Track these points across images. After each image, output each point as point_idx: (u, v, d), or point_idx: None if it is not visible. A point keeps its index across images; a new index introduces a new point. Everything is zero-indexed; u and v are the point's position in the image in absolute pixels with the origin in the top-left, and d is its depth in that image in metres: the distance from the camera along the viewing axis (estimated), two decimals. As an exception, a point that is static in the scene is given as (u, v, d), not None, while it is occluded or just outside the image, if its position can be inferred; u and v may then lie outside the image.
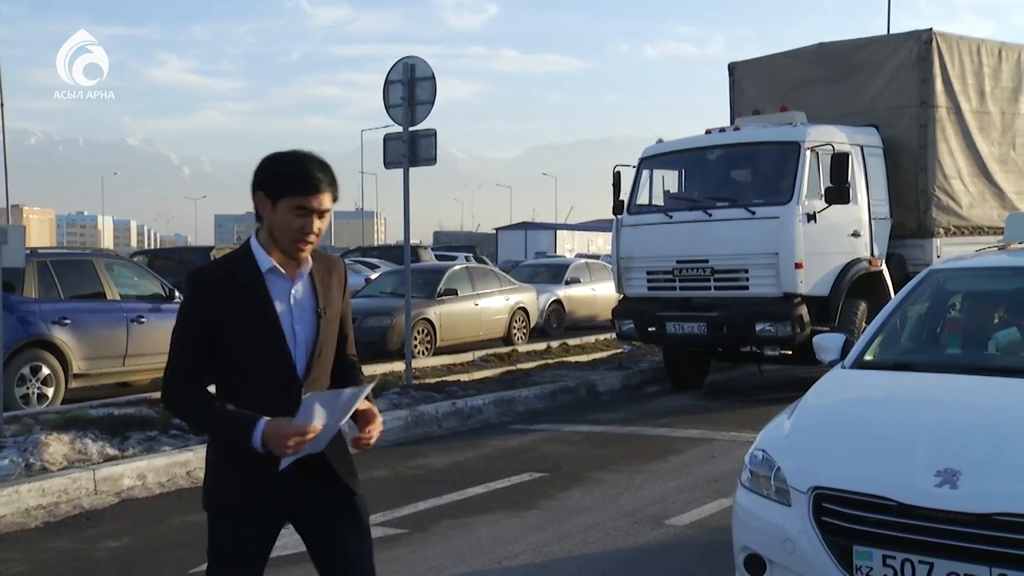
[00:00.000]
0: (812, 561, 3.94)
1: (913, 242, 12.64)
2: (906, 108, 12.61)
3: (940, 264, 6.14)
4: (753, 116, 12.89)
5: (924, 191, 12.54)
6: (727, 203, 11.65)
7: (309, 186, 2.99)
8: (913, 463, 3.88)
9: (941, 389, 4.74)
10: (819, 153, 11.38)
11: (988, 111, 13.24)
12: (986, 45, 13.38)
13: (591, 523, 6.68)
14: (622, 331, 12.72)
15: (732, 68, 14.84)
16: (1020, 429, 4.05)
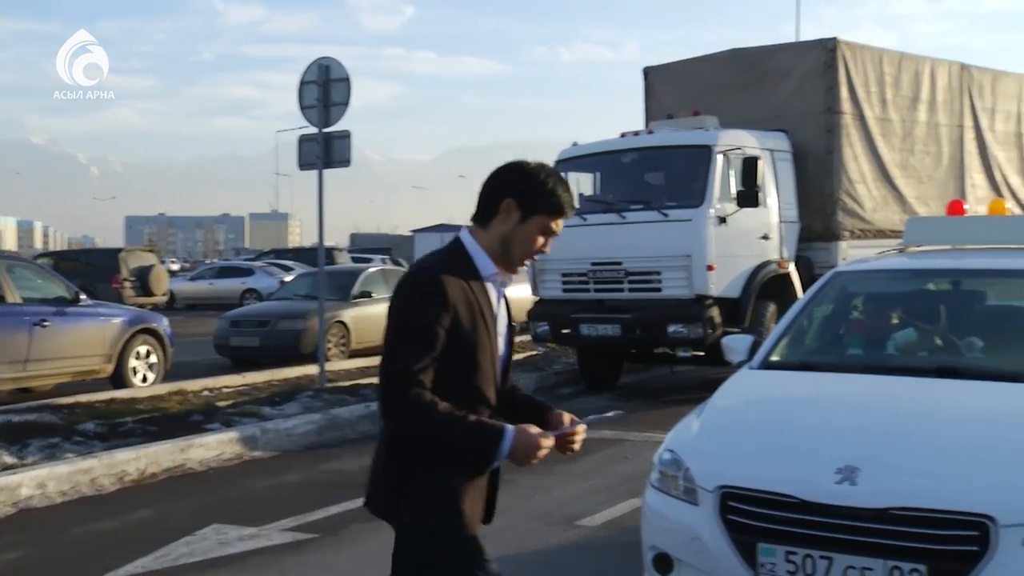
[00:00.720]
0: (718, 559, 4.00)
1: (820, 245, 12.93)
2: (813, 114, 12.91)
3: (843, 266, 6.30)
4: (667, 120, 13.06)
5: (830, 195, 12.85)
6: (641, 206, 11.78)
7: (566, 210, 2.91)
8: (815, 461, 3.97)
9: (842, 389, 4.85)
10: (730, 157, 11.58)
11: (890, 118, 13.63)
12: (887, 55, 13.77)
13: (504, 525, 6.66)
14: (537, 333, 12.78)
15: (647, 72, 15.01)
16: (915, 427, 4.17)
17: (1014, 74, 16.34)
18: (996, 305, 5.81)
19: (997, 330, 5.34)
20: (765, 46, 14.04)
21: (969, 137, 15.10)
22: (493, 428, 2.80)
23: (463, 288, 2.80)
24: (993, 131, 15.57)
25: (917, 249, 6.20)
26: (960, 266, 5.86)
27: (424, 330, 2.74)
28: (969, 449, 3.90)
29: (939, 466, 3.82)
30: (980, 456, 3.84)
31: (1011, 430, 4.06)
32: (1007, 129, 15.97)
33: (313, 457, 9.05)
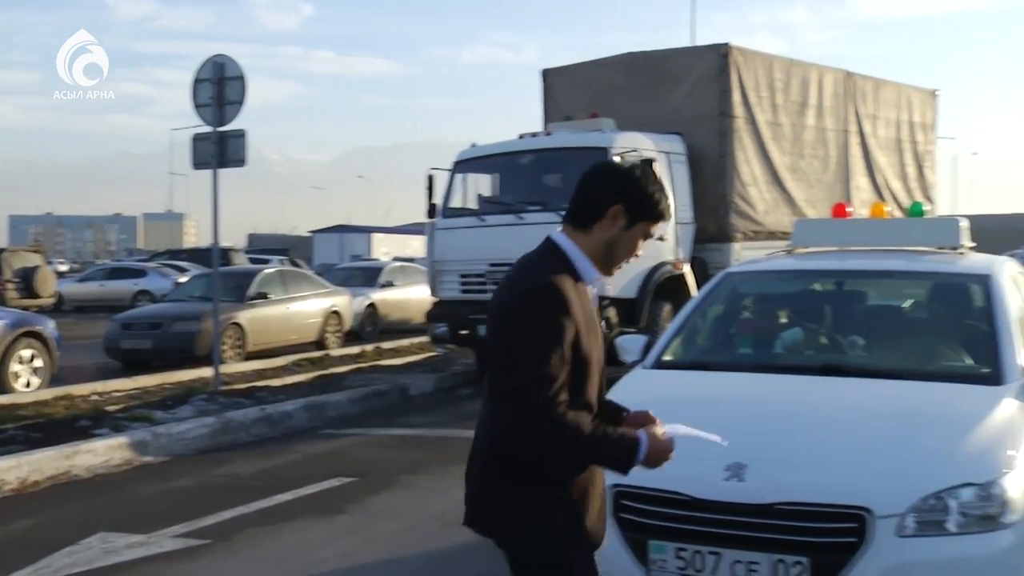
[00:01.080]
0: (610, 557, 4.03)
1: (714, 246, 13.18)
2: (707, 117, 13.16)
3: (734, 267, 6.43)
4: (565, 122, 13.17)
5: (724, 197, 13.12)
6: (538, 207, 11.83)
7: (665, 214, 2.86)
8: (704, 459, 4.02)
9: (732, 388, 4.95)
10: (626, 159, 11.71)
11: (780, 123, 13.98)
12: (777, 61, 14.13)
13: (401, 527, 6.66)
14: (435, 334, 12.75)
15: (545, 74, 15.11)
16: (801, 424, 4.28)
17: (894, 83, 16.96)
18: (876, 305, 6.00)
19: (877, 329, 5.52)
20: (660, 50, 14.27)
21: (854, 142, 15.60)
22: (631, 439, 2.77)
23: (576, 296, 2.73)
24: (876, 136, 16.12)
25: (804, 250, 6.36)
26: (843, 267, 6.03)
27: (555, 344, 2.63)
28: (849, 444, 4.03)
29: (821, 461, 3.93)
30: (859, 451, 3.96)
31: (887, 425, 4.20)
32: (888, 135, 16.55)
33: (206, 461, 8.87)
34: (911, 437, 4.05)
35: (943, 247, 6.03)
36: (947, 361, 5.02)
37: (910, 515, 3.66)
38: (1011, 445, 3.97)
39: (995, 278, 5.27)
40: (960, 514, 3.67)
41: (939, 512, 3.67)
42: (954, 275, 5.64)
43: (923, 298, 5.95)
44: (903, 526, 3.65)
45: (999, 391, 4.43)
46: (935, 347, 5.17)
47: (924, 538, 3.65)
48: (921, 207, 6.72)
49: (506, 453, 2.73)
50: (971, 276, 5.47)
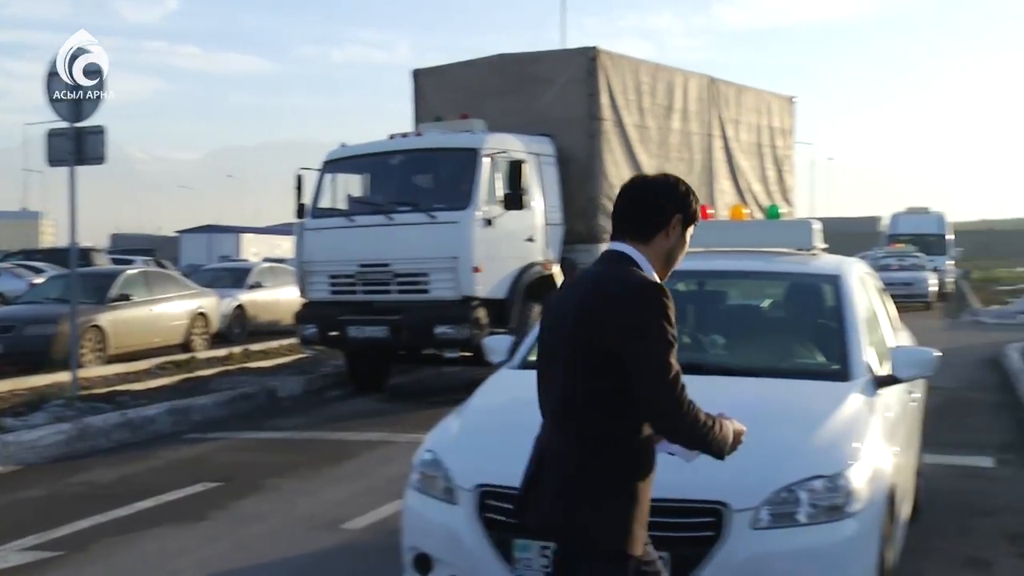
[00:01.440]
0: (476, 556, 4.05)
1: (583, 247, 13.32)
2: (576, 120, 13.31)
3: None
4: (435, 122, 13.14)
5: (592, 199, 13.28)
6: (409, 207, 11.79)
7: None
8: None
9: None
10: (496, 160, 11.77)
11: (647, 126, 14.25)
12: (644, 65, 14.40)
13: (266, 531, 6.53)
14: (304, 335, 12.56)
15: (416, 75, 15.05)
16: None
17: (755, 89, 17.51)
18: (736, 304, 6.16)
19: (736, 328, 5.67)
20: (530, 52, 14.37)
21: (717, 146, 16.03)
22: (728, 423, 3.04)
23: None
24: (738, 141, 16.59)
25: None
26: (704, 268, 6.16)
27: (673, 338, 2.89)
28: None
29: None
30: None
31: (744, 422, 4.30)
32: (750, 139, 17.06)
33: (61, 470, 8.54)
34: (766, 433, 4.15)
35: (798, 248, 6.23)
36: (800, 359, 5.19)
37: (764, 508, 3.77)
38: (856, 438, 4.13)
39: (844, 279, 5.47)
40: (810, 505, 3.80)
41: (791, 504, 3.79)
42: (807, 275, 5.83)
43: (779, 298, 6.14)
44: (757, 519, 3.76)
45: (847, 387, 4.61)
46: (790, 345, 5.34)
47: (777, 530, 3.77)
48: (777, 210, 6.94)
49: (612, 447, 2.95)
50: (822, 276, 5.67)
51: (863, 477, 3.93)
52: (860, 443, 4.09)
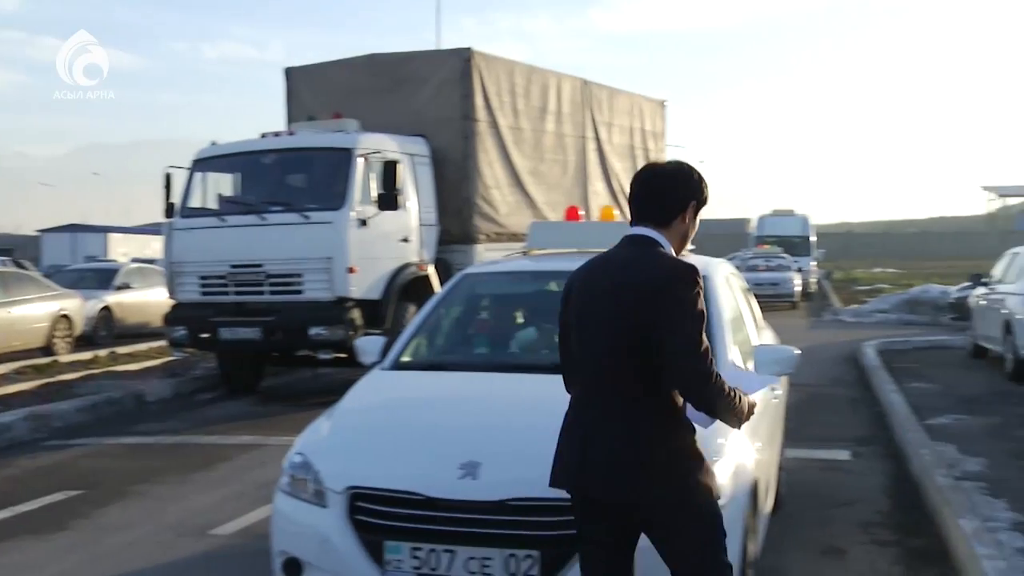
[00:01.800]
0: (346, 559, 4.01)
1: (458, 248, 13.34)
2: (450, 120, 13.30)
3: (471, 268, 6.51)
4: (308, 122, 12.95)
5: (467, 200, 13.29)
6: (282, 207, 11.59)
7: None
8: (439, 458, 4.07)
9: (468, 387, 5.01)
10: (371, 160, 11.67)
11: (521, 127, 14.34)
12: (518, 67, 14.48)
13: (130, 540, 6.33)
14: (174, 338, 12.23)
15: (288, 73, 14.81)
16: (533, 421, 4.36)
17: (626, 92, 17.78)
18: None
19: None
20: (403, 53, 14.29)
21: (591, 148, 16.23)
22: (745, 396, 3.32)
23: None
24: (611, 143, 16.84)
25: (539, 252, 6.54)
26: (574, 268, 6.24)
27: (703, 316, 3.18)
28: None
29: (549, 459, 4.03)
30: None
31: None
32: (622, 142, 17.34)
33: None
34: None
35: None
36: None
37: None
38: (720, 434, 4.22)
39: (711, 279, 5.59)
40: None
41: None
42: None
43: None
44: None
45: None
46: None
47: None
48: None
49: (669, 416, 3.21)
50: None
51: (727, 472, 4.02)
52: (724, 439, 4.18)
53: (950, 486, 6.86)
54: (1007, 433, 9.06)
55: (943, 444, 8.38)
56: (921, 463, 7.69)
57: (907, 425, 9.16)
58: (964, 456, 7.96)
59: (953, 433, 8.98)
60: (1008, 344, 12.65)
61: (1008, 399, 11.03)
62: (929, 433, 8.81)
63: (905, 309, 23.72)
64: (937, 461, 7.65)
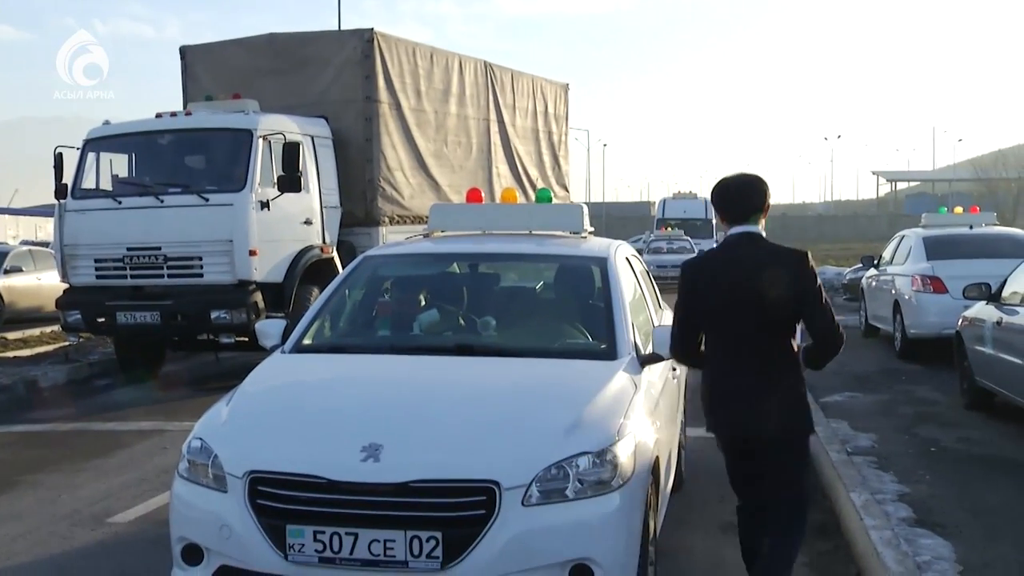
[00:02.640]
0: (247, 544, 3.96)
1: (362, 230, 13.24)
2: (352, 102, 13.17)
3: (372, 251, 6.46)
4: (206, 102, 12.67)
5: (371, 182, 13.20)
6: (180, 189, 11.34)
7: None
8: (341, 441, 4.05)
9: (370, 369, 4.99)
10: (271, 142, 11.49)
11: (424, 109, 14.27)
12: (420, 48, 14.40)
13: (21, 532, 6.14)
14: (68, 322, 11.88)
15: (184, 52, 14.44)
16: (435, 403, 4.39)
17: (529, 75, 17.85)
18: (507, 287, 6.27)
19: (508, 310, 5.76)
20: (303, 33, 14.08)
21: (494, 130, 16.26)
22: None
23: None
24: (515, 126, 16.89)
25: (441, 234, 6.52)
26: (476, 250, 6.25)
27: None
28: (479, 421, 4.18)
29: (453, 439, 4.05)
30: (488, 427, 4.12)
31: (515, 402, 4.41)
32: (526, 124, 17.40)
33: None
34: (536, 412, 4.28)
35: (569, 231, 6.39)
36: (570, 339, 5.33)
37: (534, 485, 3.85)
38: (621, 414, 4.29)
39: (611, 260, 5.66)
40: (578, 481, 3.91)
41: (560, 481, 3.90)
42: (576, 258, 5.99)
43: (550, 280, 6.28)
44: (528, 496, 3.84)
45: (613, 366, 4.77)
46: (560, 326, 5.48)
47: (547, 506, 3.86)
48: (548, 193, 7.07)
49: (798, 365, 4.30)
50: (590, 259, 5.83)
51: (628, 452, 4.08)
52: (625, 419, 4.24)
53: (843, 461, 7.09)
54: (895, 410, 9.39)
55: (837, 421, 8.64)
56: (816, 440, 7.90)
57: (802, 403, 9.40)
58: (856, 432, 8.23)
59: (846, 410, 9.27)
60: (897, 324, 13.08)
61: (896, 377, 11.42)
62: (824, 411, 9.08)
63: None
64: (831, 437, 7.89)
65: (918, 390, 10.46)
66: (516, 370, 4.78)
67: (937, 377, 11.04)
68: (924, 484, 6.64)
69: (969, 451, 7.75)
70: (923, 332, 12.30)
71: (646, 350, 5.09)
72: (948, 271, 12.23)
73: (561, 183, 18.95)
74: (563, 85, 19.32)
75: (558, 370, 4.80)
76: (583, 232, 6.35)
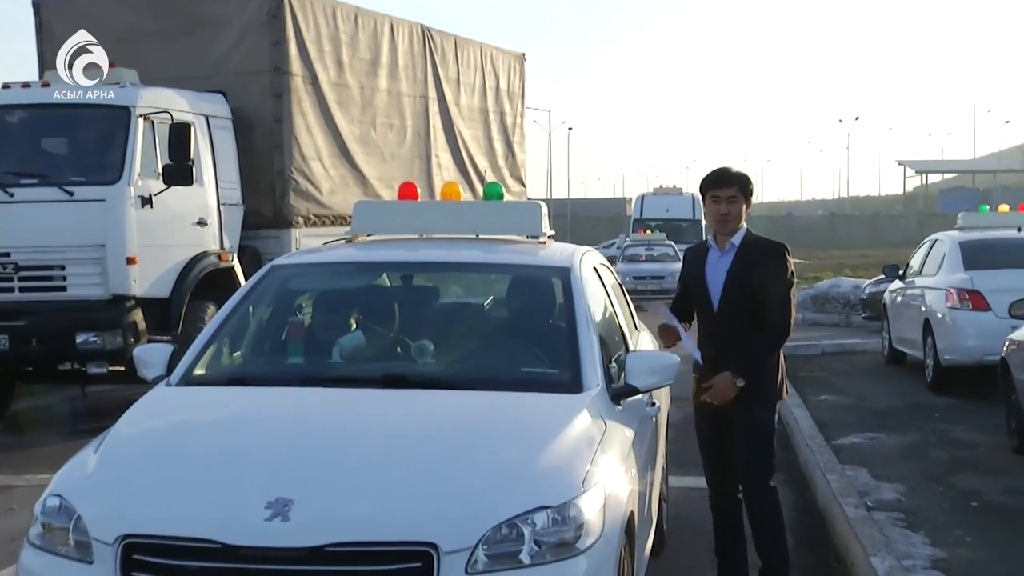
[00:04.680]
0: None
1: (269, 233, 13.22)
2: (258, 74, 13.15)
3: (282, 259, 6.45)
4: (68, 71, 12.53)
5: (280, 173, 13.17)
6: (35, 180, 11.21)
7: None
8: (242, 495, 4.02)
9: (279, 406, 4.98)
10: (155, 122, 11.42)
11: (347, 84, 14.28)
12: (343, 8, 14.41)
13: None
14: None
15: (38, 7, 14.24)
16: (357, 448, 4.37)
17: (477, 42, 17.90)
18: (449, 303, 6.29)
19: (449, 331, 5.79)
20: (196, -12, 14.03)
21: (434, 110, 16.30)
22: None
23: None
24: (459, 105, 16.94)
25: (368, 239, 6.52)
26: (410, 258, 6.26)
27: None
28: (411, 470, 4.16)
29: (380, 491, 4.04)
30: (423, 477, 4.11)
31: (455, 444, 4.41)
32: (472, 104, 17.46)
33: None
34: (481, 457, 4.28)
35: (524, 235, 6.41)
36: (525, 367, 5.35)
37: (480, 548, 3.85)
38: (588, 460, 4.30)
39: (575, 271, 5.69)
40: (534, 542, 3.92)
41: (512, 542, 3.90)
42: (533, 268, 6.02)
43: (501, 295, 6.31)
44: (473, 562, 3.84)
45: (577, 399, 4.79)
46: (512, 352, 5.50)
47: (496, 573, 3.86)
48: (500, 188, 7.10)
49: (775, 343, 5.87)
50: (550, 269, 5.86)
51: (595, 506, 4.10)
52: (592, 466, 4.26)
53: (861, 518, 7.16)
54: (925, 454, 9.50)
55: (854, 468, 8.73)
56: (828, 491, 7.99)
57: (812, 446, 9.50)
58: (877, 482, 8.32)
59: (865, 454, 9.37)
60: (928, 348, 13.21)
61: (927, 413, 11.55)
62: (838, 455, 9.17)
63: (811, 307, 24.54)
64: (846, 488, 7.96)
65: (954, 430, 10.60)
66: (458, 406, 4.80)
67: (978, 414, 11.19)
68: (963, 547, 6.72)
69: (1018, 505, 7.86)
70: (960, 359, 12.45)
71: (619, 380, 5.12)
72: (991, 283, 12.40)
73: (515, 175, 19.02)
74: (518, 55, 19.41)
75: (510, 405, 4.82)
76: (542, 236, 6.38)
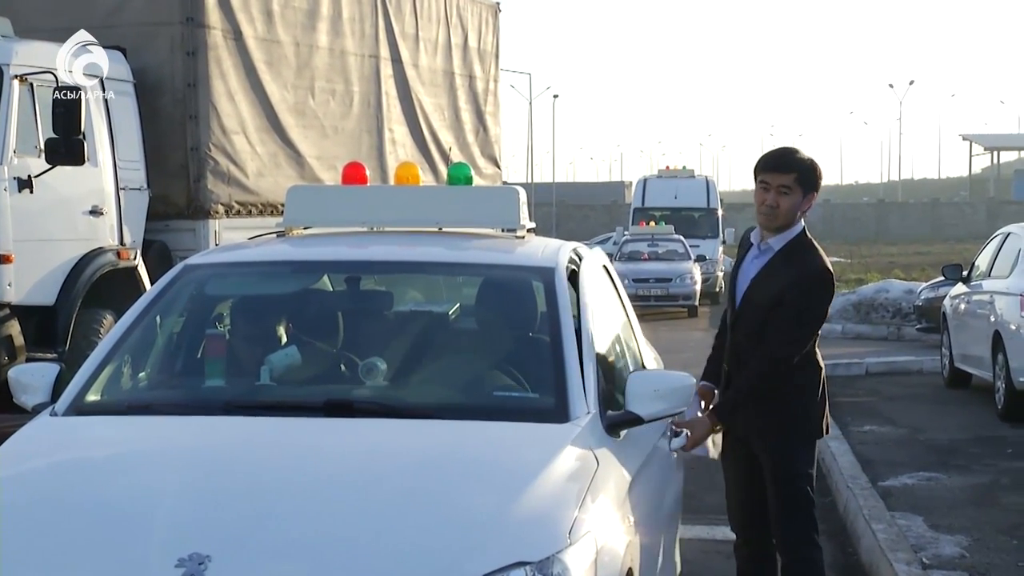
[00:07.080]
0: None
1: (182, 224, 13.20)
2: (165, 26, 13.13)
3: (199, 257, 6.44)
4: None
5: (195, 150, 13.14)
6: None
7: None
8: (146, 553, 4.02)
9: (193, 440, 4.96)
10: (34, 85, 11.41)
11: (279, 40, 14.23)
12: (274, -56, 14.38)
13: None
14: None
15: None
16: (291, 492, 4.35)
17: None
18: (405, 312, 6.30)
19: (405, 346, 5.76)
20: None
21: (387, 73, 16.25)
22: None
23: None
24: (417, 66, 16.90)
25: (304, 232, 6.52)
26: (358, 257, 6.27)
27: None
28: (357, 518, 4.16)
29: (317, 550, 4.03)
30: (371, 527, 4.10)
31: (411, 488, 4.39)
32: (435, 65, 17.42)
33: None
34: (444, 504, 4.27)
35: (500, 228, 6.42)
36: (499, 391, 5.36)
37: None
38: (575, 505, 4.31)
39: (560, 271, 5.70)
40: (512, 608, 3.94)
41: None
42: (509, 268, 6.04)
43: (470, 301, 6.30)
44: None
45: (564, 431, 4.80)
46: (483, 372, 5.51)
47: None
48: (468, 170, 7.11)
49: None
50: (531, 269, 5.87)
51: (584, 561, 4.11)
52: (581, 512, 4.27)
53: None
54: (995, 499, 9.54)
55: (906, 516, 8.76)
56: (874, 544, 8.02)
57: (854, 488, 9.54)
58: (936, 533, 8.35)
59: (920, 499, 9.41)
60: (999, 367, 13.25)
61: (998, 448, 11.61)
62: (886, 500, 9.20)
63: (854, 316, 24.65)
64: (898, 540, 8.00)
65: (1030, 468, 10.66)
66: (416, 439, 4.79)
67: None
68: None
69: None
70: (1037, 380, 12.52)
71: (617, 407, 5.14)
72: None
73: (488, 154, 19.04)
74: (491, 5, 19.42)
75: (479, 439, 4.83)
76: (520, 229, 6.39)
